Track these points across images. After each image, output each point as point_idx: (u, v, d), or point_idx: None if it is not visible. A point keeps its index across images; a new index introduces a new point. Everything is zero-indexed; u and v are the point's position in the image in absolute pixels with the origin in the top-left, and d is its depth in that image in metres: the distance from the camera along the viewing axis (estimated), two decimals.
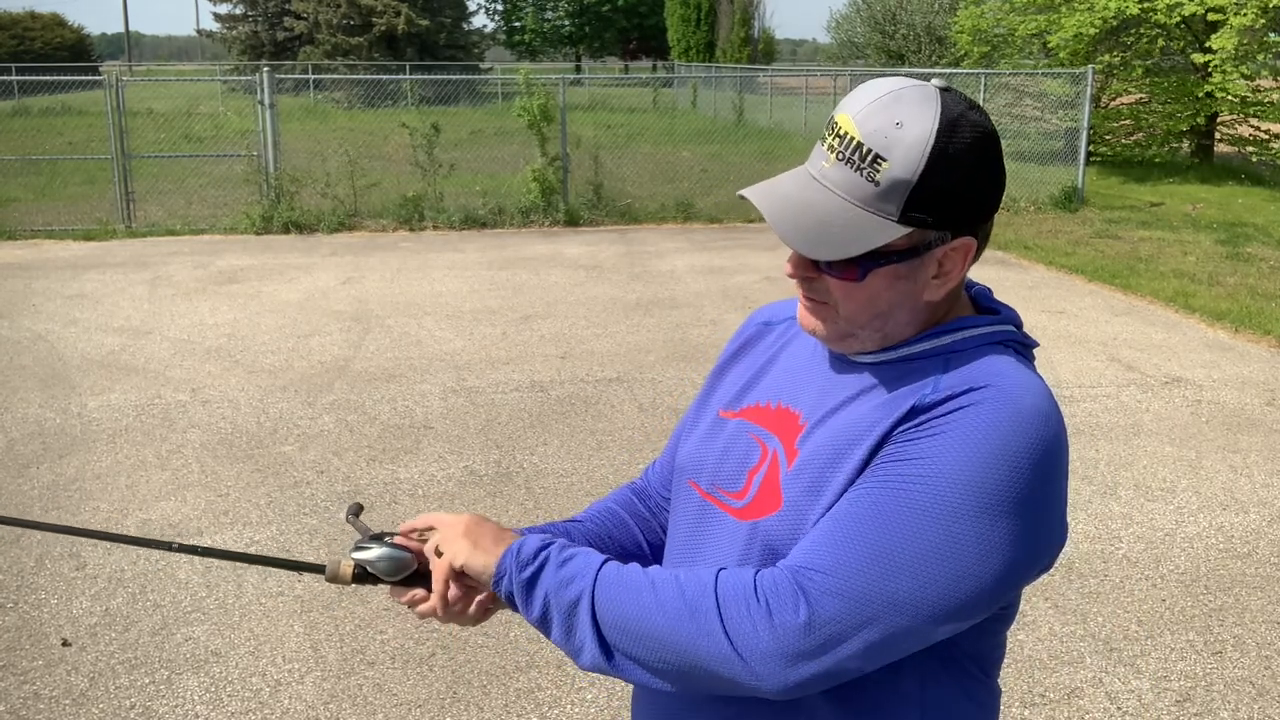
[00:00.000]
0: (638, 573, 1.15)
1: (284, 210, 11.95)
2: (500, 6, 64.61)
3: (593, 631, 1.13)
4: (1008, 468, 1.07)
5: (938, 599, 1.07)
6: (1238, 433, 5.58)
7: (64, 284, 9.08)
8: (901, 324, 1.18)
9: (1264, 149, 16.02)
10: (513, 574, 1.18)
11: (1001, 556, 1.08)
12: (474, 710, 3.20)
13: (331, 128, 21.67)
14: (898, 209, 1.11)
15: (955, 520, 1.07)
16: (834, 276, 1.16)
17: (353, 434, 5.51)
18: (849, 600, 1.06)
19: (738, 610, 1.08)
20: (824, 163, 1.14)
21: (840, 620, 1.06)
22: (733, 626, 1.07)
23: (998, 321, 1.22)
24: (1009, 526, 1.08)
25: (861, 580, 1.07)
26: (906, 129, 1.10)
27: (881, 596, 1.06)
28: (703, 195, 13.37)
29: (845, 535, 1.08)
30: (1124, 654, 3.51)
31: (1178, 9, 14.91)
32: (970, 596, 1.08)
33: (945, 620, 1.08)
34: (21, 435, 5.48)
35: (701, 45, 40.60)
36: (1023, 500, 1.08)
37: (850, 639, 1.06)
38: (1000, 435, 1.08)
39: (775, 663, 1.06)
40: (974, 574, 1.07)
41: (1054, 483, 1.12)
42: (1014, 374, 1.15)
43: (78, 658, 3.46)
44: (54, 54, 47.38)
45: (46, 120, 24.60)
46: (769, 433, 1.25)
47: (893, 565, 1.06)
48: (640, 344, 7.19)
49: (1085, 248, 10.79)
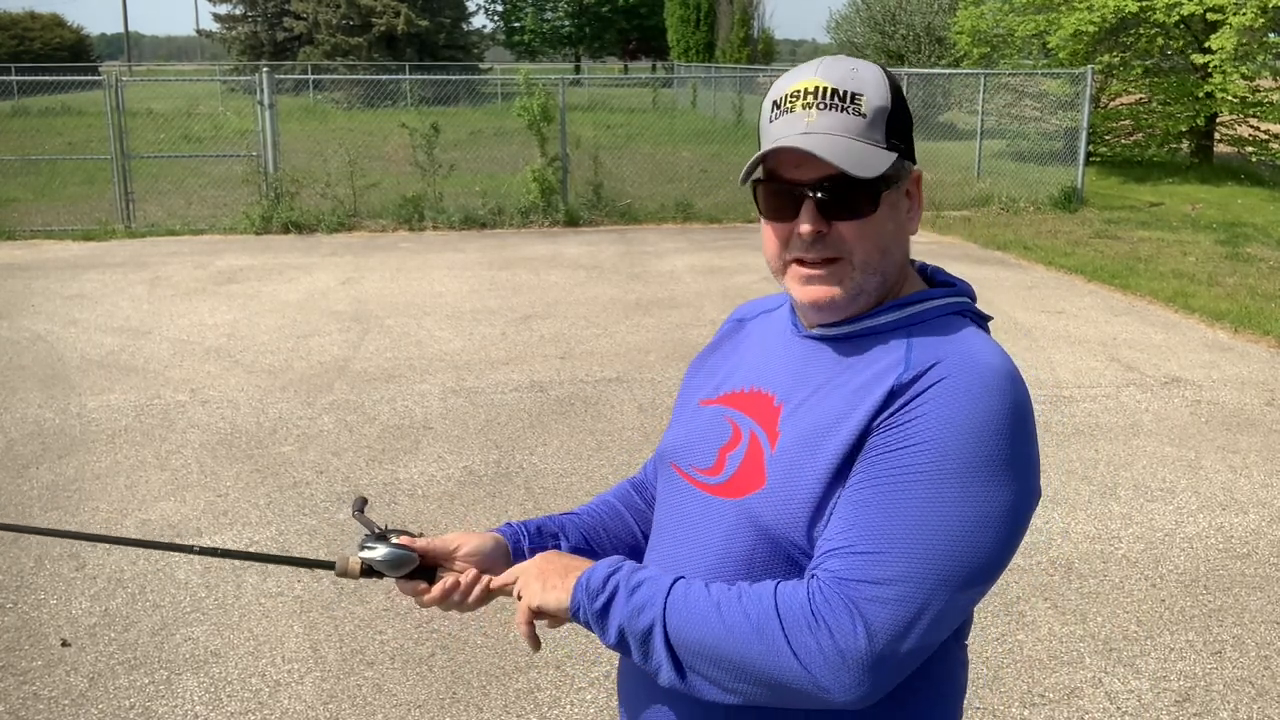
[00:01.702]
0: (702, 596, 1.19)
1: (284, 210, 11.95)
2: (500, 7, 64.58)
3: (668, 656, 1.19)
4: (993, 429, 1.16)
5: (971, 565, 1.15)
6: (1237, 433, 5.58)
7: (63, 284, 9.08)
8: (896, 263, 1.27)
9: (1264, 149, 16.02)
10: (585, 606, 1.25)
11: (1010, 507, 1.16)
12: (473, 710, 3.20)
13: (331, 128, 21.66)
14: (883, 136, 1.23)
15: (965, 489, 1.14)
16: (850, 220, 1.23)
17: (352, 434, 5.51)
18: (899, 603, 1.13)
19: (801, 632, 1.13)
20: (807, 119, 1.23)
21: (896, 624, 1.12)
22: (799, 648, 1.13)
23: (954, 293, 1.31)
24: (1008, 480, 1.16)
25: (904, 577, 1.13)
26: (862, 70, 1.24)
27: (926, 586, 1.13)
28: (702, 195, 13.37)
29: (875, 537, 1.14)
30: (1123, 654, 3.51)
31: (1176, 8, 14.90)
32: (995, 552, 1.16)
33: (982, 582, 1.17)
34: (21, 435, 5.47)
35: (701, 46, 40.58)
36: (1012, 454, 1.17)
37: (909, 635, 1.13)
38: (979, 402, 1.16)
39: (845, 677, 1.12)
40: (993, 530, 1.15)
41: (1030, 435, 1.21)
42: (977, 341, 1.23)
43: (77, 658, 3.46)
44: (53, 54, 47.35)
45: (46, 120, 24.58)
46: (743, 415, 1.31)
47: (927, 554, 1.13)
48: (640, 344, 7.19)
49: (1085, 248, 10.79)
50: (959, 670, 1.34)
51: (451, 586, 1.37)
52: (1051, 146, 15.29)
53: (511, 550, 1.45)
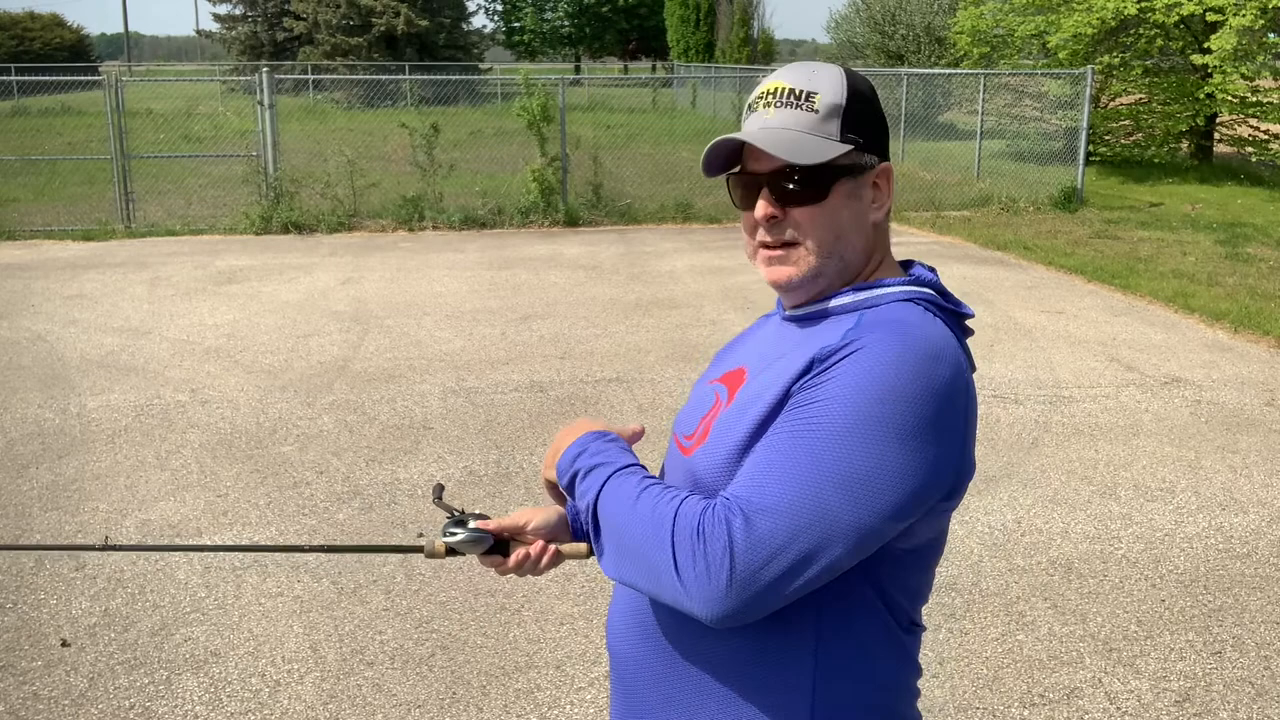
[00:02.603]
0: (631, 486, 1.30)
1: (283, 210, 11.95)
2: (500, 7, 64.58)
3: (595, 532, 1.33)
4: (896, 398, 1.21)
5: (842, 518, 1.19)
6: (1237, 433, 5.58)
7: (63, 284, 9.08)
8: (857, 249, 1.37)
9: (1263, 149, 16.02)
10: (563, 483, 1.42)
11: (896, 475, 1.20)
12: (473, 710, 3.20)
13: (331, 128, 21.65)
14: (837, 129, 1.34)
15: (850, 445, 1.20)
16: (801, 206, 1.34)
17: (352, 434, 5.51)
18: (766, 532, 1.18)
19: (684, 540, 1.21)
20: (766, 116, 1.36)
21: (758, 549, 1.18)
22: (680, 553, 1.21)
23: (914, 282, 1.38)
24: (901, 450, 1.21)
25: (775, 508, 1.19)
26: (821, 72, 1.37)
27: (795, 522, 1.19)
28: (702, 195, 13.37)
29: (765, 473, 1.23)
30: (1123, 654, 3.51)
31: (1176, 9, 14.90)
32: (870, 512, 1.20)
33: (849, 540, 1.20)
34: (21, 435, 5.47)
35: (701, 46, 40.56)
36: (912, 428, 1.21)
37: (770, 565, 1.18)
38: (889, 370, 1.22)
39: (706, 590, 1.18)
40: (871, 491, 1.20)
41: (943, 421, 1.24)
42: (911, 320, 1.29)
43: (77, 658, 3.46)
44: (53, 54, 47.36)
45: (46, 120, 24.58)
46: (724, 387, 1.44)
47: (802, 494, 1.19)
48: (640, 344, 7.19)
49: (1085, 248, 10.79)
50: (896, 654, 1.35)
51: (523, 558, 1.52)
52: (1051, 146, 15.29)
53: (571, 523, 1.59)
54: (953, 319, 1.36)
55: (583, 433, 1.44)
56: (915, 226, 12.42)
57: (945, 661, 3.45)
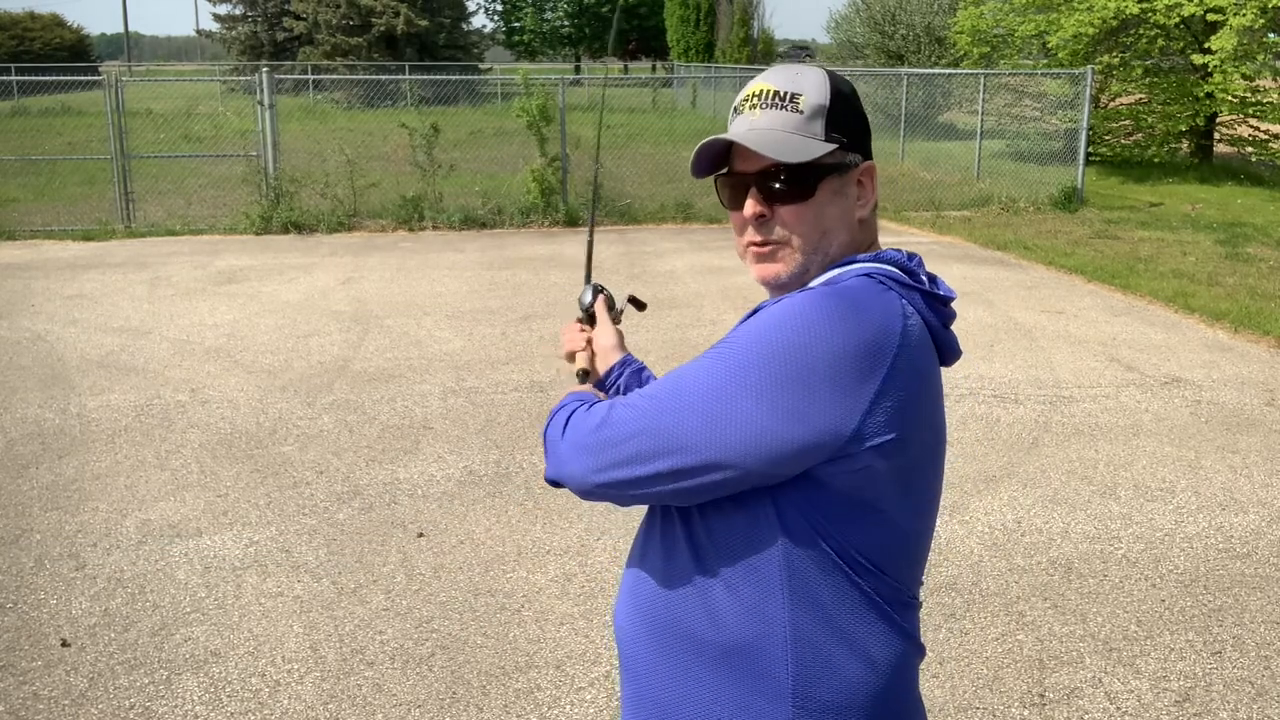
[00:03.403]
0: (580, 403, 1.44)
1: (283, 210, 11.95)
2: (500, 7, 64.59)
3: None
4: (781, 346, 1.25)
5: (691, 433, 1.26)
6: (1237, 433, 5.58)
7: (63, 284, 9.08)
8: (842, 245, 1.41)
9: (1263, 149, 16.03)
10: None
11: (751, 417, 1.24)
12: (473, 710, 3.20)
13: (331, 128, 21.65)
14: (822, 128, 1.38)
15: (720, 375, 1.27)
16: (788, 204, 1.38)
17: (352, 434, 5.51)
18: (628, 415, 1.31)
19: (578, 414, 1.39)
20: (752, 117, 1.40)
21: (619, 424, 1.31)
22: (571, 422, 1.38)
23: (876, 259, 1.39)
24: (770, 394, 1.24)
25: (644, 405, 1.31)
26: (805, 74, 1.41)
27: (645, 419, 1.29)
28: (702, 195, 13.36)
29: (649, 383, 1.43)
30: (1123, 654, 3.51)
31: (1177, 9, 14.91)
32: (721, 442, 1.25)
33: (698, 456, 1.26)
34: (21, 435, 5.47)
35: (701, 46, 40.57)
36: (789, 375, 1.24)
37: (623, 444, 1.30)
38: (784, 320, 1.26)
39: (571, 447, 1.36)
40: (724, 422, 1.25)
41: (841, 373, 1.24)
42: (848, 286, 1.31)
43: (77, 658, 3.46)
44: (53, 54, 47.34)
45: (46, 120, 24.58)
46: None
47: (668, 398, 1.30)
48: (640, 344, 7.19)
49: (1085, 248, 10.79)
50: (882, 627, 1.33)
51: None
52: (1051, 146, 15.29)
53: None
54: (925, 299, 1.35)
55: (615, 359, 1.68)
56: (915, 226, 12.42)
57: (945, 661, 3.45)
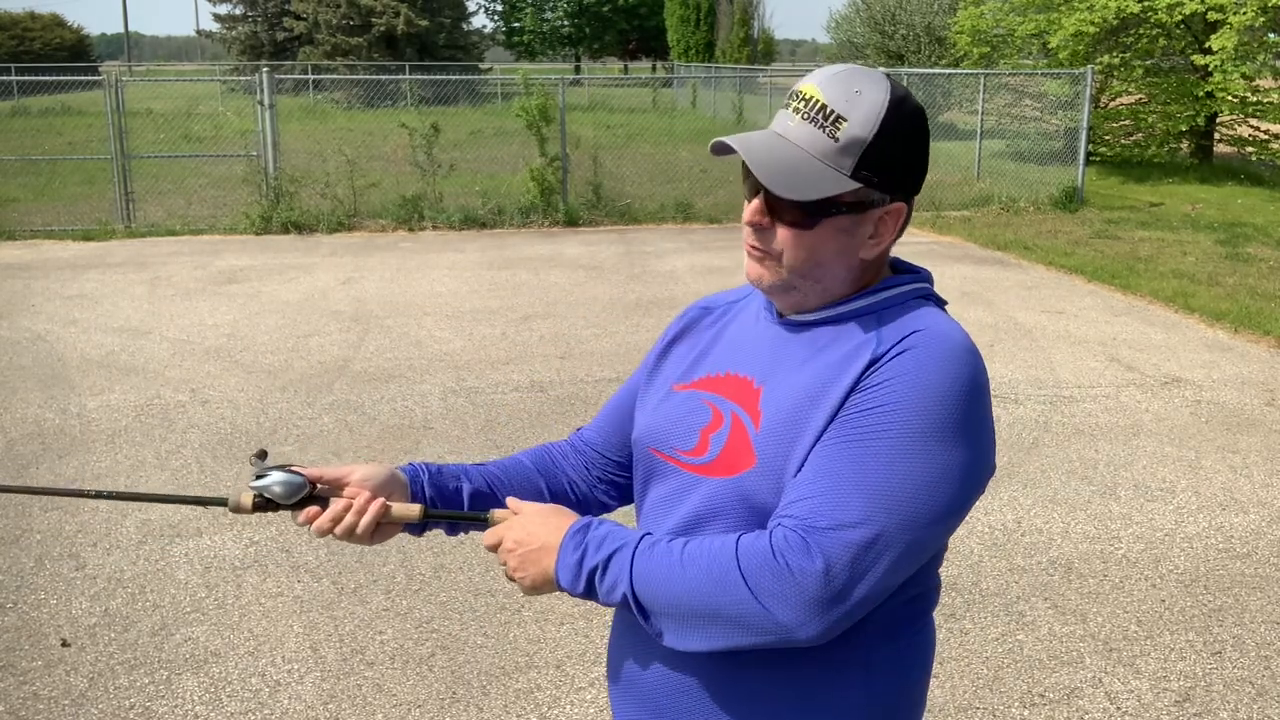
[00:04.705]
0: (665, 556, 1.26)
1: (283, 210, 11.95)
2: (500, 7, 64.60)
3: (643, 618, 1.28)
4: (955, 395, 1.24)
5: (926, 516, 1.22)
6: (1237, 433, 5.58)
7: (63, 284, 9.08)
8: (839, 279, 1.34)
9: (1263, 149, 16.02)
10: (573, 591, 1.31)
11: (966, 467, 1.25)
12: (473, 710, 3.20)
13: (331, 128, 21.66)
14: (851, 165, 1.28)
15: (927, 446, 1.23)
16: (787, 225, 1.31)
17: (352, 434, 5.51)
18: (858, 544, 1.20)
19: (760, 573, 1.20)
20: (789, 123, 1.30)
21: (854, 562, 1.20)
22: (757, 587, 1.20)
23: (917, 280, 1.39)
24: (967, 442, 1.25)
25: (864, 520, 1.21)
26: (864, 96, 1.28)
27: (885, 530, 1.21)
28: (702, 195, 13.37)
29: (840, 486, 1.23)
30: (1123, 654, 3.51)
31: (1178, 8, 14.90)
32: (948, 506, 1.24)
33: (934, 536, 1.25)
34: (21, 435, 5.47)
35: (701, 46, 40.60)
36: (971, 420, 1.26)
37: (866, 576, 1.20)
38: (944, 369, 1.25)
39: (801, 613, 1.19)
40: (949, 486, 1.23)
41: (987, 407, 1.30)
42: (940, 319, 1.33)
43: (77, 658, 3.46)
44: (53, 54, 47.35)
45: (46, 120, 24.58)
46: (722, 398, 1.39)
47: (888, 502, 1.21)
48: (640, 344, 7.18)
49: (1085, 248, 10.79)
50: (924, 637, 1.41)
51: (344, 508, 1.40)
52: (1051, 146, 15.29)
53: (410, 484, 1.50)
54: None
55: (561, 534, 1.32)
56: (915, 226, 12.42)
57: (945, 661, 3.45)
